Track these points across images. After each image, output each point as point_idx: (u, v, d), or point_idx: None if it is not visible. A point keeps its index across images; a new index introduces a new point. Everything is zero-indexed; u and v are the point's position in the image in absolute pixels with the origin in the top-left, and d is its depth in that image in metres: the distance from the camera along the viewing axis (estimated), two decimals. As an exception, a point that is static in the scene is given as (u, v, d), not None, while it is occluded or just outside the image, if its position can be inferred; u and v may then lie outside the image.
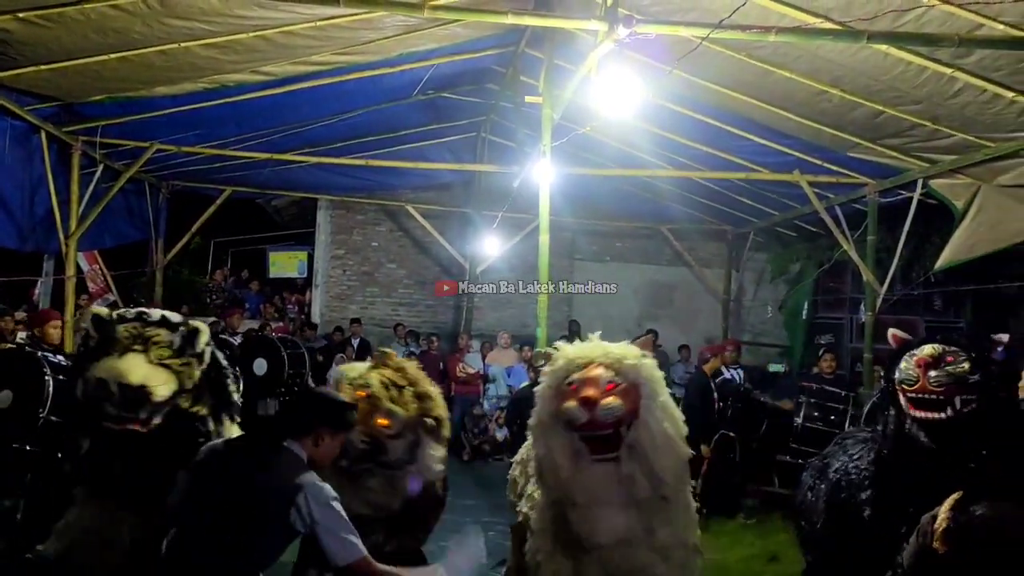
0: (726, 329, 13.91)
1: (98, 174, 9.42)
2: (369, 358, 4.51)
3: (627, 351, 3.82)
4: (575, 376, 3.70)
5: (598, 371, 3.68)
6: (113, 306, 11.86)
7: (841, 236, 10.03)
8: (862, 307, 10.49)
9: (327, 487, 2.98)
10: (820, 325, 13.01)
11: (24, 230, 8.54)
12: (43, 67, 6.84)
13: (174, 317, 3.96)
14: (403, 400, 4.18)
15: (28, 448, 4.76)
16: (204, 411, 3.94)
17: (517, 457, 4.94)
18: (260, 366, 9.22)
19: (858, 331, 11.69)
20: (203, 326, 4.01)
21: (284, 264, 16.11)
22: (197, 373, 3.90)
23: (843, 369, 10.46)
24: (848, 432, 5.18)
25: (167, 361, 3.79)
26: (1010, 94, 6.20)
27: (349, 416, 3.31)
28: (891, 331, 4.18)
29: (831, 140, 8.47)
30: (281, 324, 13.41)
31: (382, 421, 4.05)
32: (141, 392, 3.66)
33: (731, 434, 8.56)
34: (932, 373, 3.69)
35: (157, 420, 3.75)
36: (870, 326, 9.63)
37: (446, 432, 4.50)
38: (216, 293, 14.36)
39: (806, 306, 12.91)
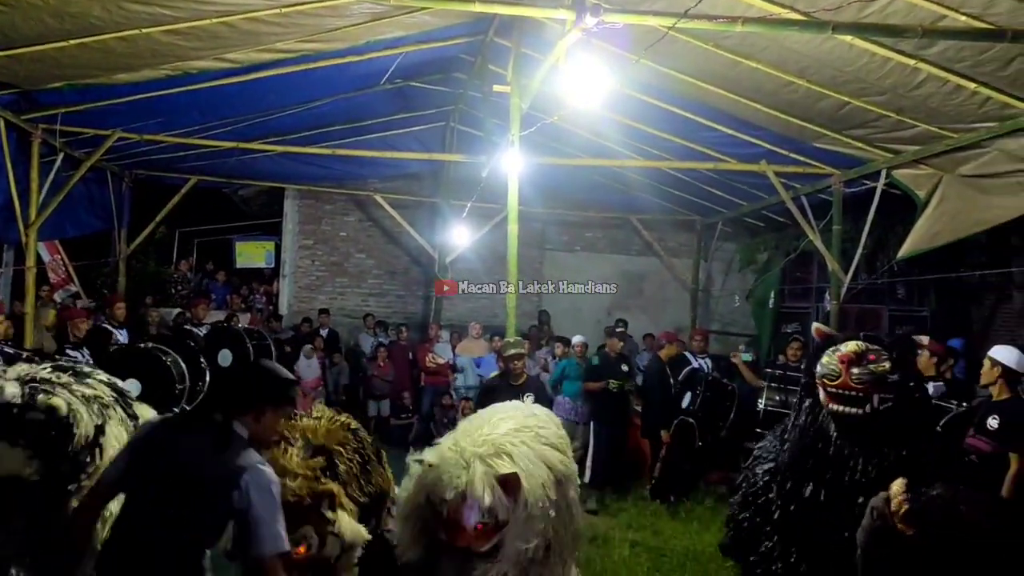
0: (695, 318, 13.99)
1: (58, 162, 9.24)
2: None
3: (502, 477, 3.53)
4: (449, 501, 3.49)
5: (469, 512, 3.48)
6: (75, 297, 11.74)
7: (807, 226, 10.13)
8: (827, 296, 10.60)
9: (269, 471, 2.94)
10: (787, 314, 13.13)
11: (-18, 220, 8.38)
12: (-1, 53, 6.69)
13: None
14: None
15: None
16: None
17: None
18: (225, 357, 9.13)
19: (824, 320, 11.80)
20: None
21: (251, 254, 15.89)
22: None
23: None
24: (788, 419, 5.26)
25: None
26: (972, 85, 6.29)
27: (292, 391, 3.22)
28: (815, 325, 4.28)
29: (798, 131, 8.54)
30: (249, 315, 13.27)
31: (301, 551, 3.59)
32: None
33: (690, 420, 8.63)
34: (855, 370, 3.76)
35: None
36: (835, 315, 9.75)
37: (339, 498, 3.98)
38: (181, 284, 14.16)
39: (773, 295, 13.02)
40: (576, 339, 10.14)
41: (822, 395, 3.85)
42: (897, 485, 2.90)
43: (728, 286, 14.62)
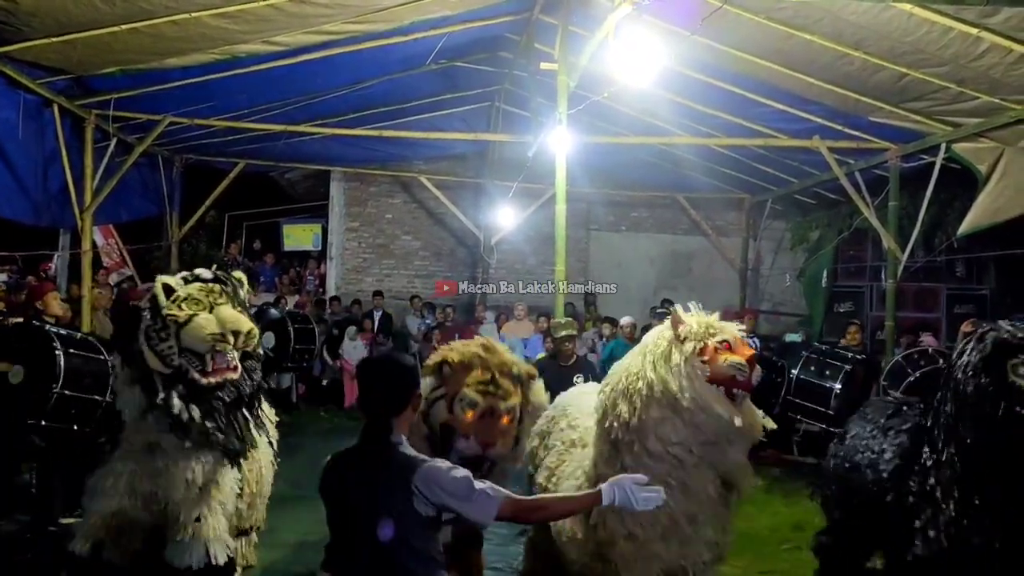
0: (744, 298, 13.81)
1: (111, 148, 9.39)
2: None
3: None
4: (725, 336, 3.74)
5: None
6: (129, 280, 11.97)
7: (862, 203, 9.89)
8: (883, 274, 10.37)
9: (433, 463, 2.80)
10: (840, 293, 12.89)
11: (39, 205, 8.53)
12: (53, 39, 6.78)
13: (211, 273, 4.21)
14: (505, 389, 4.11)
15: (43, 423, 4.76)
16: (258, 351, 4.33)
17: (536, 429, 4.91)
18: (268, 340, 9.22)
19: (879, 299, 11.57)
20: (240, 274, 4.35)
21: (299, 237, 16.09)
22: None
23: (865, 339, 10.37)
24: (871, 401, 5.12)
25: (239, 307, 4.11)
26: (1038, 54, 6.06)
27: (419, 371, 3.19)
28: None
29: (853, 105, 8.32)
30: (297, 297, 13.43)
31: (506, 420, 4.07)
32: (251, 336, 4.00)
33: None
34: None
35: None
36: (891, 294, 9.52)
37: (536, 372, 4.54)
38: (232, 266, 14.37)
39: (825, 274, 12.78)
40: (624, 320, 10.07)
41: None
42: None
43: (778, 265, 14.37)
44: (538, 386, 4.43)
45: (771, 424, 3.90)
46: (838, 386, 8.02)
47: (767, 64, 7.87)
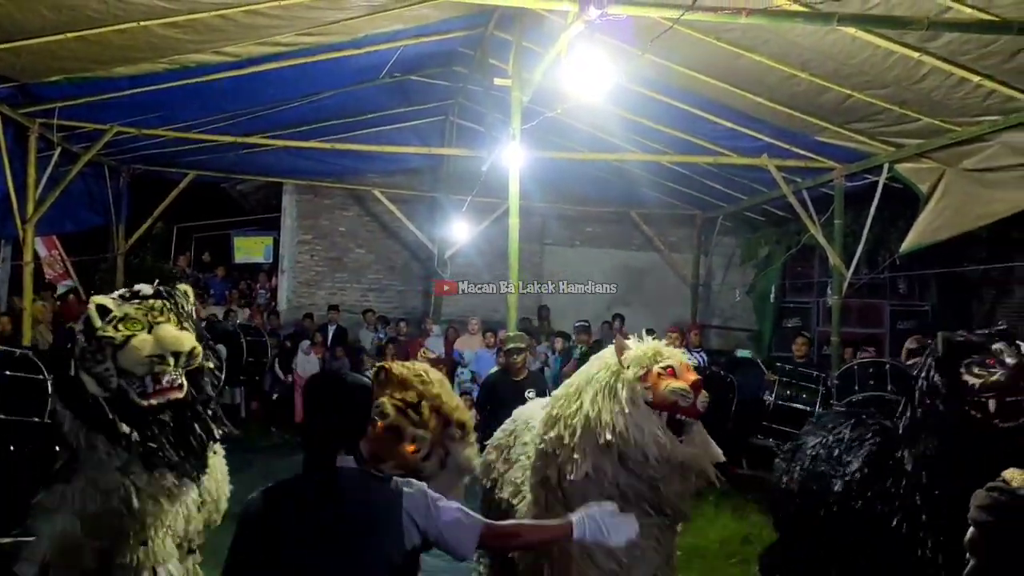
0: (695, 313, 13.96)
1: (55, 157, 9.15)
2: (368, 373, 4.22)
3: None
4: (670, 362, 3.73)
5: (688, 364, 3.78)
6: (73, 292, 11.69)
7: (808, 220, 10.08)
8: (829, 290, 10.58)
9: (413, 483, 2.55)
10: (788, 309, 13.13)
11: (-22, 215, 8.32)
12: (-3, 46, 6.63)
13: (152, 288, 4.06)
14: (423, 418, 3.78)
15: None
16: (209, 364, 4.12)
17: (493, 441, 4.93)
18: (220, 352, 9.11)
19: (825, 314, 11.80)
20: (185, 286, 4.18)
21: (249, 249, 15.85)
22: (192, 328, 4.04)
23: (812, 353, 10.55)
24: (820, 413, 5.20)
25: (184, 324, 3.94)
26: (976, 78, 6.25)
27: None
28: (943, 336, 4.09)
29: (800, 124, 8.50)
30: (248, 311, 13.23)
31: (410, 448, 3.72)
32: (194, 355, 3.84)
33: None
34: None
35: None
36: (837, 309, 9.72)
37: (471, 429, 4.11)
38: (180, 279, 14.11)
39: (774, 290, 13.01)
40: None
41: (990, 407, 3.66)
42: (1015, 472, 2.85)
43: (729, 281, 14.58)
44: (470, 447, 4.01)
45: (720, 456, 3.92)
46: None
47: (716, 83, 8.00)
